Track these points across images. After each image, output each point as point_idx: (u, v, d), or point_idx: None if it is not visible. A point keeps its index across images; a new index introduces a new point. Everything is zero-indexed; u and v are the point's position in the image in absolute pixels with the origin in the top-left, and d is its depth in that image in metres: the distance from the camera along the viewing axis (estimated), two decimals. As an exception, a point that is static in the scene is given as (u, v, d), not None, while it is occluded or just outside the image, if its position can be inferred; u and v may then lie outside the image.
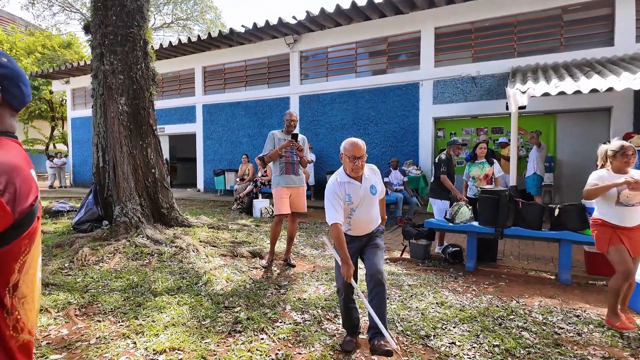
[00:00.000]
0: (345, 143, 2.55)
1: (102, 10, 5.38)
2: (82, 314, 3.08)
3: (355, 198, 2.57)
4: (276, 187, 4.43)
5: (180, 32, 26.04)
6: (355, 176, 2.58)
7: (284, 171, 4.42)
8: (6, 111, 1.01)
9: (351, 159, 2.50)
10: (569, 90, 5.61)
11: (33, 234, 0.97)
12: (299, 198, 4.52)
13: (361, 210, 2.61)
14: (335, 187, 2.55)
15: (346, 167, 2.57)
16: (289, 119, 4.47)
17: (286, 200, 4.40)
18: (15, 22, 24.66)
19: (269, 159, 4.40)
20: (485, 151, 5.32)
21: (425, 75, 9.45)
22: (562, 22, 8.25)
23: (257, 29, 10.32)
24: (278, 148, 4.33)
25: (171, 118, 13.76)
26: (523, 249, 5.56)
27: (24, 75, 1.04)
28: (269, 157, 4.38)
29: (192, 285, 3.72)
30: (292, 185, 4.44)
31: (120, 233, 5.04)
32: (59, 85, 16.55)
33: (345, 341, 2.62)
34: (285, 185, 4.40)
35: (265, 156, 4.40)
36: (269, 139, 4.45)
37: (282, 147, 4.34)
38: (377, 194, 2.68)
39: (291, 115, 4.49)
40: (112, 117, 5.47)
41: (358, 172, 2.55)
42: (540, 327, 2.95)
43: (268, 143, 4.43)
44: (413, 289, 3.78)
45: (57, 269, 4.05)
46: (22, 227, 0.91)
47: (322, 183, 10.53)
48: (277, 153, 4.34)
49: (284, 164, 4.42)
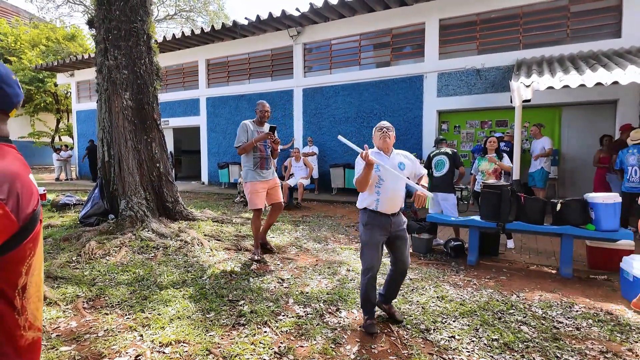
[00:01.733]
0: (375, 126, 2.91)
1: (105, 5, 5.39)
2: (90, 307, 3.16)
3: (381, 166, 2.74)
4: (251, 182, 4.42)
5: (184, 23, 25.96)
6: (384, 148, 2.83)
7: (258, 166, 4.43)
8: None
9: (379, 130, 2.82)
10: (573, 84, 5.57)
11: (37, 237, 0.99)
12: (276, 189, 4.63)
13: (389, 185, 2.77)
14: None
15: (376, 142, 2.86)
16: (262, 109, 4.46)
17: (262, 194, 4.47)
18: (19, 14, 24.65)
19: (243, 151, 4.35)
20: (495, 145, 5.29)
21: (429, 67, 9.40)
22: (569, 13, 8.14)
23: (261, 22, 10.28)
24: (254, 140, 4.31)
25: (175, 111, 13.81)
26: (525, 242, 5.58)
27: (7, 75, 0.99)
28: (242, 148, 4.33)
29: (196, 278, 3.80)
30: (268, 179, 4.50)
31: (126, 227, 5.12)
32: (63, 78, 16.62)
33: (368, 324, 2.80)
34: (262, 179, 4.45)
35: (239, 147, 4.34)
36: (241, 129, 4.37)
37: (259, 138, 4.32)
38: (405, 172, 2.84)
39: (264, 106, 4.47)
40: (117, 112, 5.52)
41: (386, 143, 2.81)
42: (540, 322, 2.99)
43: (242, 134, 4.35)
44: (414, 282, 3.82)
45: (65, 262, 4.13)
46: (26, 232, 0.93)
47: (325, 176, 10.57)
48: (252, 144, 4.32)
49: (258, 158, 4.42)
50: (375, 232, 2.78)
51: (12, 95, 1.01)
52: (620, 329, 2.89)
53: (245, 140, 4.34)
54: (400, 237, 2.86)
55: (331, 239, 5.62)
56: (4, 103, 0.99)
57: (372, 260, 2.77)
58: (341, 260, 4.52)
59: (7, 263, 0.90)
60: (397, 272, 2.93)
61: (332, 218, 7.31)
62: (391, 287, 2.99)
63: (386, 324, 2.94)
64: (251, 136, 4.35)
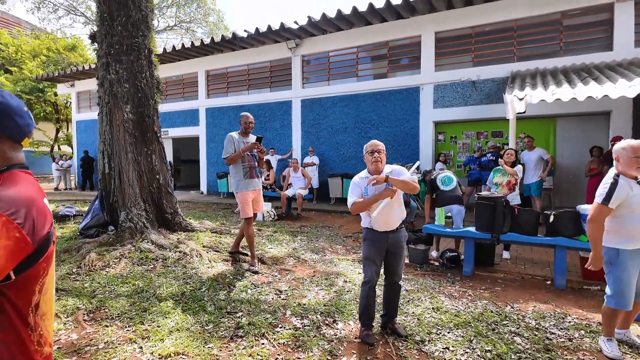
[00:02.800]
0: (366, 145, 2.95)
1: (108, 21, 5.51)
2: (90, 319, 3.20)
3: (371, 192, 2.82)
4: (243, 192, 4.57)
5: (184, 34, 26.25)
6: (374, 171, 2.85)
7: (248, 175, 4.59)
8: (7, 145, 1.06)
9: (370, 153, 2.86)
10: (565, 97, 5.69)
11: (50, 257, 1.06)
12: (259, 199, 4.81)
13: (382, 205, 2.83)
14: (356, 180, 2.94)
15: (367, 163, 2.90)
16: (246, 121, 4.63)
17: (251, 203, 4.64)
18: (21, 25, 24.93)
19: (231, 161, 4.52)
20: (513, 158, 5.30)
21: (425, 79, 9.55)
22: (562, 26, 8.32)
23: (260, 34, 10.44)
24: (242, 150, 4.47)
25: (175, 121, 13.92)
26: (520, 253, 5.65)
27: (18, 107, 1.08)
28: (230, 159, 4.49)
29: (195, 290, 3.84)
30: (256, 189, 4.69)
31: (126, 238, 5.17)
32: (64, 88, 16.75)
33: (365, 335, 2.88)
34: (252, 189, 4.63)
35: (227, 158, 4.50)
36: (228, 141, 4.54)
37: (246, 148, 4.49)
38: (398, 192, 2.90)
39: (247, 117, 4.65)
40: (118, 125, 5.61)
41: (377, 166, 2.83)
42: (533, 333, 3.05)
43: (228, 145, 4.53)
44: (410, 294, 3.88)
45: (65, 274, 4.18)
46: (40, 253, 1.01)
47: (324, 186, 10.65)
48: (239, 155, 4.48)
49: (247, 168, 4.59)
50: (372, 247, 2.89)
51: (24, 126, 1.09)
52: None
53: (232, 151, 4.50)
54: (395, 254, 2.94)
55: (329, 250, 5.68)
56: (17, 134, 1.08)
57: (370, 274, 2.90)
58: (338, 272, 4.57)
59: (22, 282, 0.98)
60: (390, 286, 3.01)
61: (330, 228, 7.37)
62: (387, 304, 3.06)
63: (382, 335, 2.99)
64: (237, 147, 4.52)
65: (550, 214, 4.30)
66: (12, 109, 1.06)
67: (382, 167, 2.86)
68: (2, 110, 1.04)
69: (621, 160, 2.62)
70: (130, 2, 5.55)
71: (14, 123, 1.06)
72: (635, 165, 2.55)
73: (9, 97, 1.07)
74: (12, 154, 1.07)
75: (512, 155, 5.32)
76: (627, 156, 2.58)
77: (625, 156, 2.59)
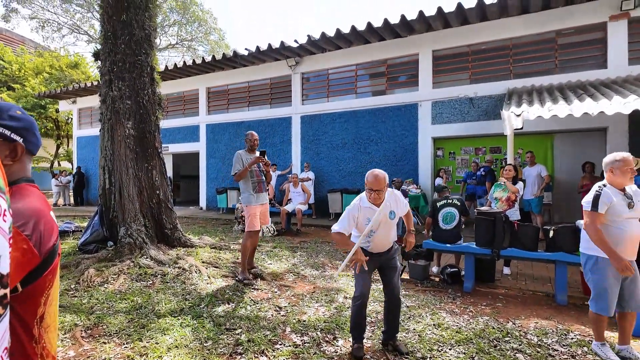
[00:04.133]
0: (368, 174, 2.81)
1: (111, 40, 5.63)
2: (88, 335, 3.17)
3: (374, 222, 2.81)
4: (251, 205, 4.71)
5: (185, 52, 26.67)
6: (375, 203, 2.81)
7: (257, 189, 4.74)
8: (27, 158, 1.13)
9: (369, 191, 2.79)
10: (561, 114, 5.77)
11: (55, 269, 1.08)
12: (266, 213, 4.97)
13: (380, 232, 2.88)
14: (354, 210, 2.86)
15: (367, 195, 2.83)
16: (251, 139, 4.82)
17: (258, 216, 4.77)
18: (25, 43, 25.34)
19: (239, 177, 4.67)
20: (512, 173, 5.30)
21: (423, 96, 9.68)
22: (557, 45, 8.49)
23: (260, 52, 10.63)
24: (248, 165, 4.63)
25: (175, 137, 14.02)
26: (521, 269, 5.62)
27: (35, 123, 1.16)
28: (239, 175, 4.64)
29: (194, 306, 3.81)
30: (264, 202, 4.83)
31: (125, 254, 5.15)
32: (65, 105, 16.91)
33: (355, 348, 2.86)
34: (260, 203, 4.78)
35: (236, 174, 4.66)
36: (236, 158, 4.72)
37: (251, 163, 4.65)
38: (395, 219, 2.93)
39: (252, 135, 4.84)
40: (119, 141, 5.65)
41: (377, 201, 2.80)
42: (535, 349, 3.01)
43: (237, 162, 4.70)
44: (411, 310, 3.85)
45: (63, 290, 4.15)
46: (46, 265, 1.02)
47: (323, 201, 10.66)
48: (247, 170, 4.64)
49: (256, 183, 4.74)
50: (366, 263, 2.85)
51: (39, 141, 1.17)
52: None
53: (240, 167, 4.67)
54: (389, 267, 2.99)
55: (329, 266, 5.65)
56: (35, 148, 1.15)
57: (362, 288, 2.90)
58: (338, 288, 4.54)
59: (28, 294, 0.99)
60: (389, 301, 3.00)
61: (329, 244, 7.34)
62: (388, 320, 3.02)
63: (382, 352, 2.96)
64: (245, 164, 4.69)
65: (550, 229, 4.30)
66: (34, 125, 1.14)
67: (380, 202, 2.82)
68: (29, 126, 1.11)
69: (616, 171, 2.78)
70: (134, 22, 5.68)
71: (35, 138, 1.14)
72: (630, 175, 2.75)
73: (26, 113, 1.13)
74: (28, 167, 1.13)
75: (511, 171, 5.33)
76: (623, 168, 2.75)
77: (622, 167, 2.76)
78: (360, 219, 2.84)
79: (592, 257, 2.86)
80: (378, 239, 2.90)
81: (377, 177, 2.75)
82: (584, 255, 2.95)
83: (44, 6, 22.69)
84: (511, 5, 7.94)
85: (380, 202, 2.81)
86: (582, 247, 2.96)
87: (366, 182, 2.81)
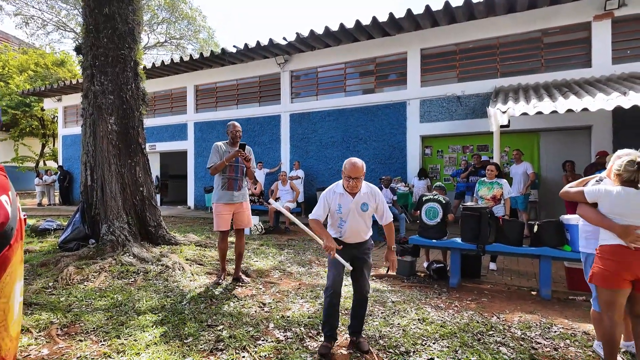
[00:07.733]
0: (346, 162, 2.78)
1: (93, 33, 5.51)
2: (63, 333, 3.07)
3: (344, 209, 2.79)
4: (216, 203, 4.34)
5: (174, 50, 26.36)
6: (350, 192, 2.79)
7: (225, 187, 4.32)
8: None
9: (347, 179, 2.75)
10: (546, 110, 5.82)
11: (3, 262, 0.96)
12: (242, 214, 4.47)
13: (350, 223, 2.83)
14: (329, 194, 2.87)
15: (344, 182, 2.81)
16: (233, 130, 4.36)
17: (226, 216, 4.35)
18: (9, 40, 24.81)
19: (215, 171, 4.28)
20: (494, 173, 5.33)
21: (412, 94, 9.70)
22: (542, 44, 8.58)
23: (249, 50, 10.55)
24: (225, 159, 4.22)
25: (163, 135, 13.84)
26: (507, 265, 5.64)
27: None
28: (214, 168, 4.25)
29: (176, 303, 3.73)
30: (233, 202, 4.37)
31: (107, 252, 5.04)
32: (50, 103, 16.60)
33: (321, 346, 2.80)
34: (226, 201, 4.33)
35: (211, 168, 4.27)
36: (214, 150, 4.32)
37: (230, 157, 4.22)
38: (368, 212, 2.86)
39: (235, 126, 4.38)
40: (102, 137, 5.53)
41: (353, 190, 2.79)
42: (518, 343, 3.01)
43: (214, 155, 4.30)
44: (396, 305, 3.82)
45: (40, 288, 4.03)
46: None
47: (312, 200, 10.61)
48: (223, 164, 4.23)
49: (226, 179, 4.31)
50: (338, 253, 2.79)
51: None
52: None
53: (217, 160, 4.28)
54: (360, 259, 2.91)
55: (315, 263, 5.60)
56: None
57: (333, 279, 2.82)
58: (324, 284, 4.49)
59: None
60: (357, 297, 2.94)
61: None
62: (353, 317, 2.97)
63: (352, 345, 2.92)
64: (223, 157, 4.28)
65: (534, 224, 4.32)
66: None
67: (357, 191, 2.79)
68: None
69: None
70: (117, 15, 5.56)
71: None
72: None
73: None
74: None
75: (493, 171, 5.34)
76: None
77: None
78: (333, 204, 2.82)
79: (591, 255, 2.73)
80: (349, 230, 2.85)
81: (355, 165, 2.72)
82: (583, 254, 2.84)
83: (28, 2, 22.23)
84: (498, 4, 7.99)
85: (357, 192, 2.80)
86: (581, 246, 2.84)
87: (344, 170, 2.78)
